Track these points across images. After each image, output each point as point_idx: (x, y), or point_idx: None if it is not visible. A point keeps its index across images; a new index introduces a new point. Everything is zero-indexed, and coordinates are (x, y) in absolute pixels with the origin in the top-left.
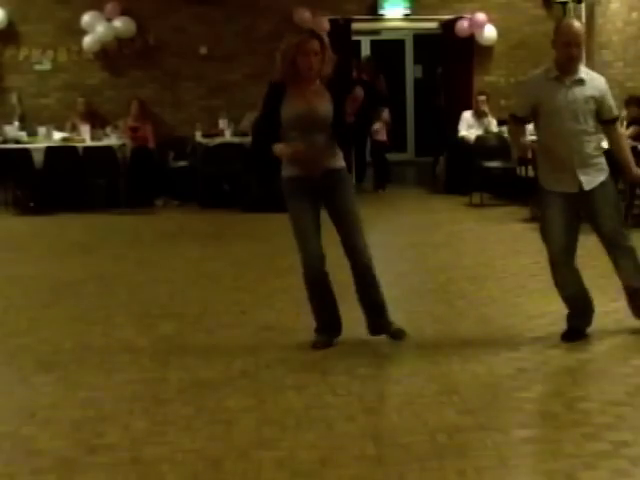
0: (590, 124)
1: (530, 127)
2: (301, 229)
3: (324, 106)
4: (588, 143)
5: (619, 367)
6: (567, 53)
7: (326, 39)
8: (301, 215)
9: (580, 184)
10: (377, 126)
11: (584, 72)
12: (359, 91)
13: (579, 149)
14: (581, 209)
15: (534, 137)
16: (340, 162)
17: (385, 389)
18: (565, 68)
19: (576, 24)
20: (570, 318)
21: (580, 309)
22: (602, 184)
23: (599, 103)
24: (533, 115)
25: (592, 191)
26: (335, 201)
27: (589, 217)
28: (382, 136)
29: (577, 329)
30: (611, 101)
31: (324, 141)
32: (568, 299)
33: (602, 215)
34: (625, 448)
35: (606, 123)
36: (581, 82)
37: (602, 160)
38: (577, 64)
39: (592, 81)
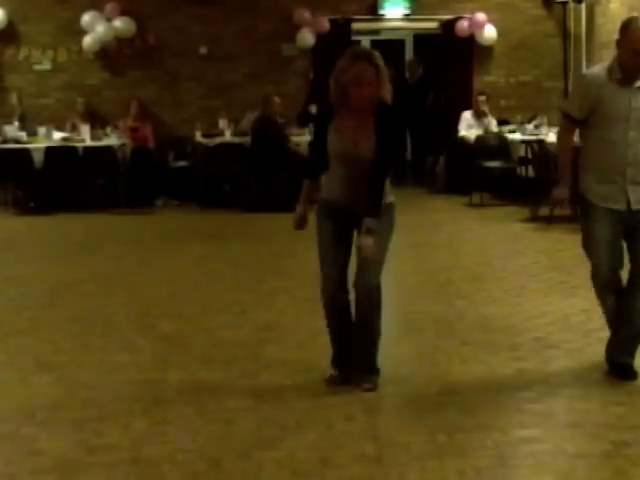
0: None
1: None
2: (323, 250)
3: (369, 144)
4: None
5: None
6: (635, 62)
7: (382, 66)
8: (327, 237)
9: (628, 201)
10: None
11: None
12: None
13: (634, 162)
14: (625, 228)
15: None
16: (387, 197)
17: (385, 389)
18: (631, 74)
19: None
20: (611, 349)
21: (621, 339)
22: None
23: None
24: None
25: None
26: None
27: (628, 242)
28: None
29: (623, 364)
30: None
31: (366, 180)
32: (610, 321)
33: None
34: (626, 448)
35: None
36: None
37: None
38: None
39: None
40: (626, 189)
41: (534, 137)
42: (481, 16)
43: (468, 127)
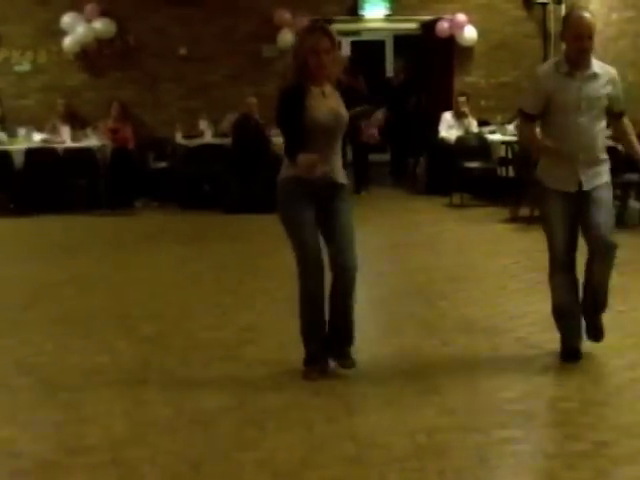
0: (600, 122)
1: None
2: (299, 225)
3: (345, 111)
4: (595, 142)
5: (599, 367)
6: (579, 46)
7: (335, 35)
8: (300, 212)
9: (580, 183)
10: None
11: (597, 66)
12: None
13: (586, 147)
14: (578, 209)
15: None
16: (344, 178)
17: (365, 390)
18: (576, 62)
19: (586, 15)
20: (562, 338)
21: (568, 326)
22: (601, 186)
23: (611, 98)
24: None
25: (590, 192)
26: (332, 213)
27: (583, 217)
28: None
29: (572, 348)
30: (619, 94)
31: (337, 150)
32: (560, 313)
33: (597, 216)
34: (606, 448)
35: (615, 117)
36: (594, 77)
37: (606, 162)
38: (589, 57)
39: (604, 75)
40: (578, 172)
41: (514, 138)
42: (461, 17)
43: (448, 128)
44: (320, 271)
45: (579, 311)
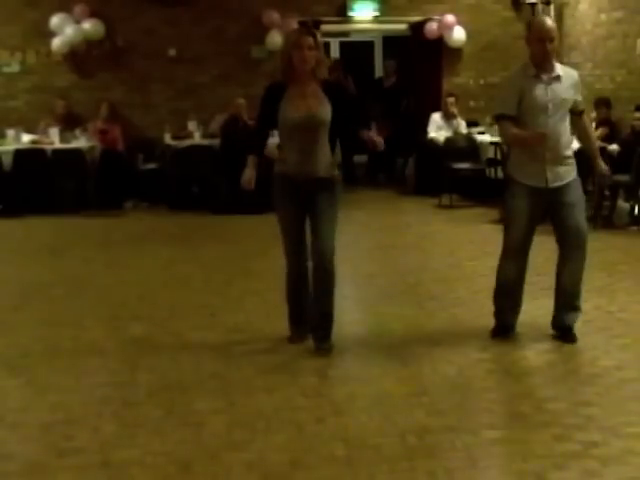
0: (565, 122)
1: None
2: (284, 225)
3: (325, 111)
4: (560, 141)
5: (587, 368)
6: (541, 49)
7: (319, 36)
8: (286, 211)
9: (546, 180)
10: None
11: (560, 68)
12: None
13: (552, 146)
14: (547, 206)
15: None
16: (333, 170)
17: (355, 390)
18: (541, 64)
19: (548, 20)
20: (497, 315)
21: (507, 305)
22: (570, 185)
23: (575, 100)
24: None
25: (558, 188)
26: (316, 203)
27: (556, 218)
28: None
29: (506, 325)
30: (580, 95)
31: (320, 147)
32: (501, 292)
33: (566, 210)
34: (594, 448)
35: (575, 114)
36: (558, 79)
37: (572, 161)
38: (552, 60)
39: (568, 78)
40: (545, 169)
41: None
42: (450, 18)
43: (437, 129)
44: (298, 256)
45: (520, 294)
